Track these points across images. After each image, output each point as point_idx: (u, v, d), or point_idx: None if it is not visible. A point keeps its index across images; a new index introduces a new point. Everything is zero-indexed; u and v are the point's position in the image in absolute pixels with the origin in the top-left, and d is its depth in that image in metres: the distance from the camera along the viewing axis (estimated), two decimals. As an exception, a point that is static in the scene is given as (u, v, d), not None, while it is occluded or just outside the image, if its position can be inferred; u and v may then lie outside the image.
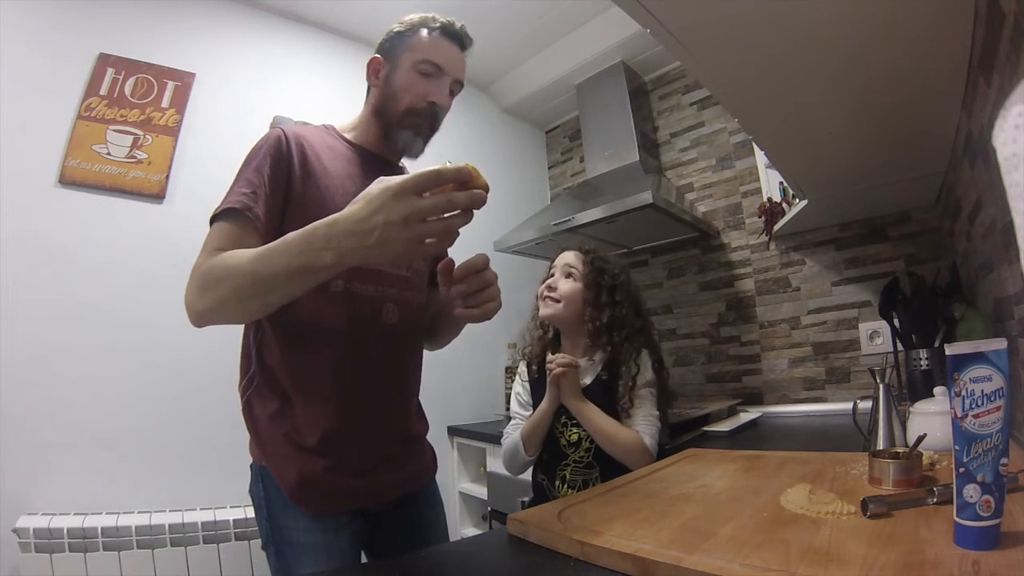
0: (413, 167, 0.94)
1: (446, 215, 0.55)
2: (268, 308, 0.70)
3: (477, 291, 0.71)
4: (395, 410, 0.90)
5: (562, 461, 1.13)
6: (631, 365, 1.13)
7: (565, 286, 1.18)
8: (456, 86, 0.93)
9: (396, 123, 0.89)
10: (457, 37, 0.91)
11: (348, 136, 0.94)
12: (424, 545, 0.91)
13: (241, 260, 0.66)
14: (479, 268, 0.70)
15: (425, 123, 0.90)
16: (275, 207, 0.78)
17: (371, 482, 0.85)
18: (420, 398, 1.00)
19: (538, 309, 1.26)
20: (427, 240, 0.55)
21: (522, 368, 1.29)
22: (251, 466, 0.87)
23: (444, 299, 0.74)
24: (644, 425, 1.08)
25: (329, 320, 0.82)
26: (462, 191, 0.55)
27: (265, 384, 0.84)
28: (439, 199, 0.54)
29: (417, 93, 0.88)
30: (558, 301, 1.17)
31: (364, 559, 0.91)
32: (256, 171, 0.78)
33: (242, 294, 0.66)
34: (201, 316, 0.70)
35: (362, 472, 0.84)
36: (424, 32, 0.89)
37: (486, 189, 0.57)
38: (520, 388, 1.26)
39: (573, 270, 1.19)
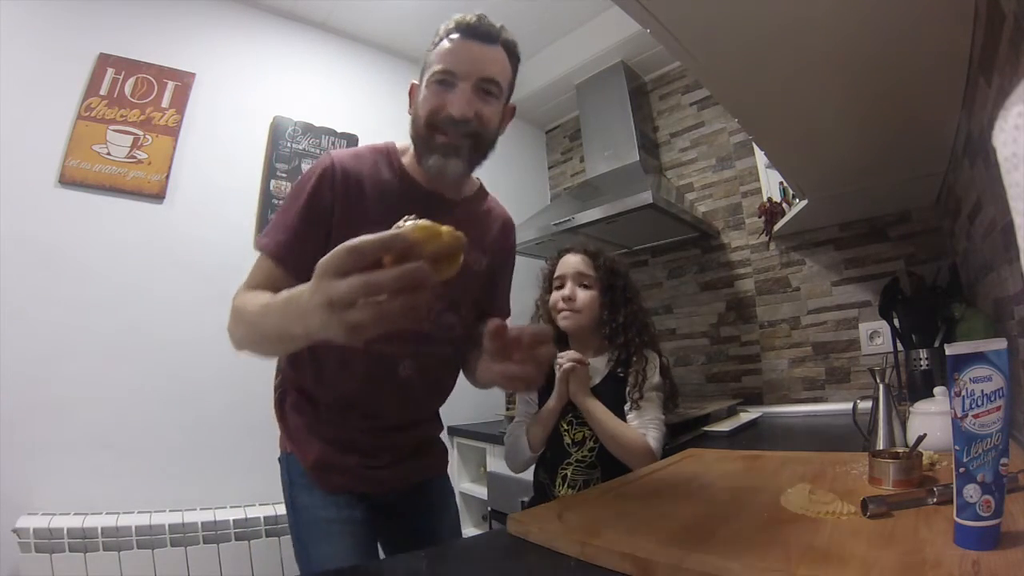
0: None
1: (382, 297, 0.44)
2: (280, 352, 0.78)
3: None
4: (409, 429, 0.94)
5: (565, 460, 1.13)
6: (640, 360, 1.14)
7: (583, 295, 1.18)
8: (490, 85, 0.78)
9: (423, 145, 0.80)
10: (474, 31, 0.77)
11: (404, 160, 0.86)
12: (431, 532, 0.98)
13: (251, 311, 0.66)
14: (538, 344, 0.63)
15: (451, 139, 0.77)
16: (316, 248, 0.68)
17: (384, 471, 0.90)
18: None
19: (543, 319, 1.25)
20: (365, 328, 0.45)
21: None
22: (279, 459, 0.94)
23: (486, 351, 0.67)
24: (650, 427, 1.08)
25: (348, 364, 0.83)
26: (404, 262, 0.44)
27: (293, 386, 0.91)
28: (354, 282, 0.44)
29: (432, 107, 0.77)
30: (579, 311, 1.17)
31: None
32: (298, 216, 0.78)
33: (252, 341, 0.68)
34: (237, 346, 0.73)
35: (372, 467, 0.89)
36: (443, 42, 0.78)
37: (450, 252, 0.47)
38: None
39: (586, 278, 1.19)
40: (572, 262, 1.22)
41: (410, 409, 0.92)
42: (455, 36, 0.77)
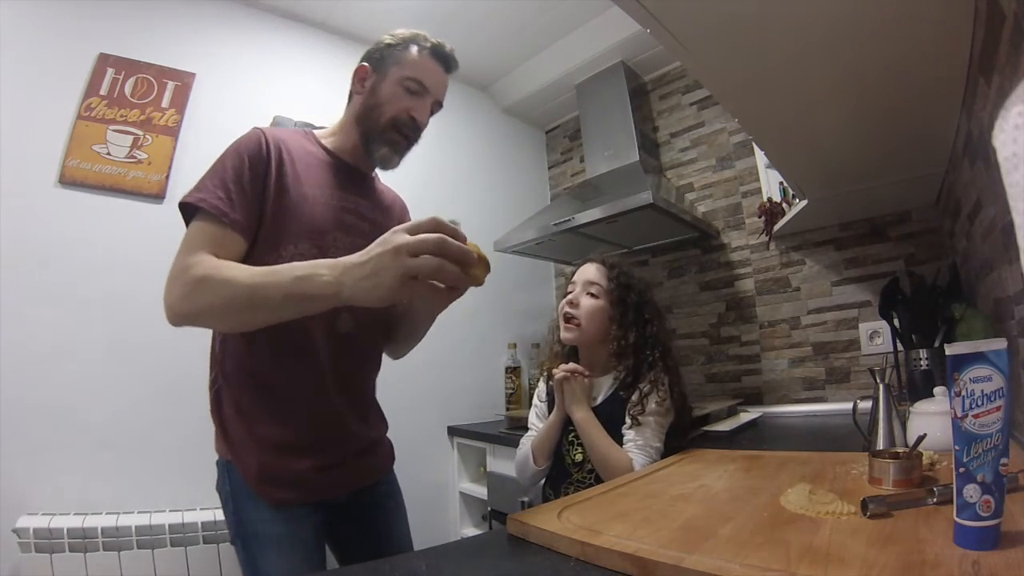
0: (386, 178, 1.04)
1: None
2: (252, 325, 0.74)
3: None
4: (349, 413, 0.91)
5: (567, 479, 1.11)
6: (646, 386, 1.08)
7: (587, 304, 1.14)
8: (436, 106, 0.96)
9: (377, 134, 0.91)
10: (445, 59, 0.94)
11: (326, 142, 0.95)
12: (386, 532, 0.96)
13: (239, 274, 0.69)
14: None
15: (403, 138, 0.92)
16: (253, 211, 0.81)
17: (329, 476, 0.87)
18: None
19: (559, 326, 1.21)
20: (416, 276, 0.59)
21: (541, 386, 1.29)
22: (217, 462, 0.89)
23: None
24: (641, 453, 1.02)
25: (286, 325, 0.77)
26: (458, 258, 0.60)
27: (228, 383, 0.87)
28: (429, 235, 0.59)
29: (401, 107, 0.90)
30: (580, 324, 1.14)
31: (328, 553, 0.93)
32: (234, 173, 0.80)
33: (234, 306, 0.69)
34: (182, 318, 0.73)
35: (320, 467, 0.86)
36: (414, 49, 0.91)
37: (486, 264, 0.63)
38: (538, 401, 1.26)
39: (595, 287, 1.16)
40: (587, 271, 1.19)
41: (354, 363, 0.92)
42: (429, 55, 0.91)
